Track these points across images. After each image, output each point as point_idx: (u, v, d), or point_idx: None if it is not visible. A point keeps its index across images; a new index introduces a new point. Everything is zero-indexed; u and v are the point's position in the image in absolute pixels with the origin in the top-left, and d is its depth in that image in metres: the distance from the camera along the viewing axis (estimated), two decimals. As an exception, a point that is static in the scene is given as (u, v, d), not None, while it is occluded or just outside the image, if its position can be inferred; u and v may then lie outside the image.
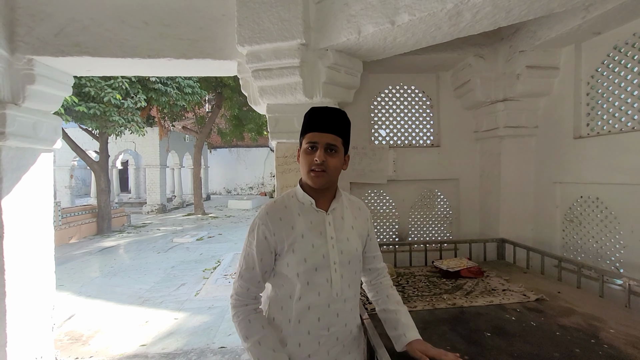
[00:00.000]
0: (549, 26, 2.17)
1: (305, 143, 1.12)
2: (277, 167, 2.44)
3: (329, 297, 1.10)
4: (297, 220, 1.12)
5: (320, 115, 1.13)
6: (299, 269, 1.09)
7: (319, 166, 1.07)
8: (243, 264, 1.15)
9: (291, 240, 1.09)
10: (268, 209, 1.16)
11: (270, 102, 2.34)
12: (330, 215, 1.16)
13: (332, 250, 1.12)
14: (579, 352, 1.25)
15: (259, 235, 1.11)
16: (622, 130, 2.04)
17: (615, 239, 2.07)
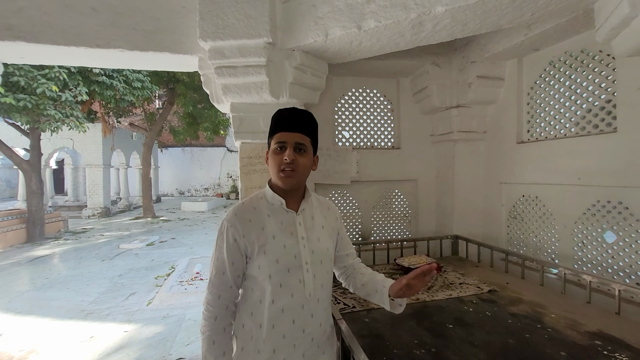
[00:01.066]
0: (497, 40, 2.38)
1: (274, 143, 1.11)
2: (241, 167, 2.37)
3: (302, 298, 1.09)
4: (267, 222, 1.11)
5: (288, 115, 1.13)
6: (270, 271, 1.06)
7: (289, 165, 1.07)
8: (213, 270, 1.12)
9: (262, 242, 1.07)
10: (236, 210, 1.12)
11: (235, 100, 2.26)
12: (300, 215, 1.15)
13: (303, 250, 1.11)
14: (529, 337, 1.39)
15: (228, 238, 1.08)
16: (556, 136, 2.30)
17: (552, 233, 2.33)
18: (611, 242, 1.96)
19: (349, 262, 1.31)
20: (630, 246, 1.85)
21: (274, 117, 1.16)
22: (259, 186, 2.40)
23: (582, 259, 2.11)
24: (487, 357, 1.24)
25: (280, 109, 1.17)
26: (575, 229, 2.16)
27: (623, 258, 1.89)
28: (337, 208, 1.34)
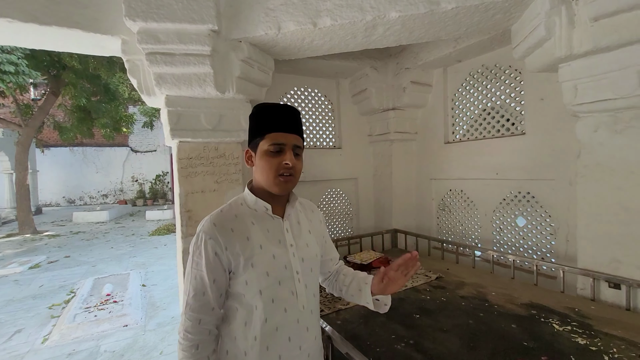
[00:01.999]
0: (429, 50, 2.62)
1: (267, 144, 0.98)
2: (179, 170, 2.09)
3: (296, 312, 1.00)
4: (251, 230, 0.99)
5: (282, 113, 1.01)
6: (261, 285, 0.95)
7: (289, 170, 0.97)
8: (190, 291, 0.95)
9: (248, 254, 0.95)
10: (215, 220, 0.98)
11: (171, 93, 1.97)
12: (286, 221, 1.06)
13: (293, 259, 1.01)
14: (483, 315, 1.56)
15: (207, 252, 0.94)
16: (477, 138, 2.66)
17: (475, 221, 2.69)
18: (522, 225, 2.36)
19: (333, 267, 1.26)
20: (536, 228, 2.26)
21: (261, 112, 1.02)
22: (201, 190, 2.15)
23: (500, 242, 2.49)
24: (459, 340, 1.35)
25: (263, 103, 1.04)
26: (493, 217, 2.53)
27: (531, 238, 2.30)
28: (319, 210, 1.27)
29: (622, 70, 1.51)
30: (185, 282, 0.99)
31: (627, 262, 1.58)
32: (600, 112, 1.64)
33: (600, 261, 1.68)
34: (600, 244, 1.68)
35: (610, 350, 1.22)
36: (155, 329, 3.55)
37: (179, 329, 0.96)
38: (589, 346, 1.25)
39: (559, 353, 1.22)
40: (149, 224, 10.92)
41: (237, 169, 2.28)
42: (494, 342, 1.32)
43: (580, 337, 1.32)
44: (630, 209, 1.56)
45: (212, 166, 2.19)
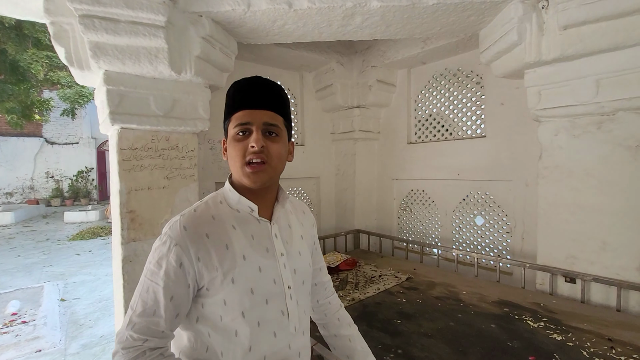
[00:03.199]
0: (397, 49, 2.61)
1: (233, 127, 0.80)
2: (120, 162, 1.74)
3: (287, 336, 0.82)
4: (232, 236, 0.79)
5: (251, 86, 0.81)
6: (243, 306, 0.76)
7: (257, 155, 0.77)
8: (138, 306, 0.73)
9: (228, 266, 0.75)
10: (186, 222, 0.77)
11: (112, 68, 1.63)
12: (275, 224, 0.86)
13: (284, 271, 0.83)
14: (461, 316, 1.54)
15: (169, 262, 0.73)
16: (438, 139, 2.72)
17: (435, 220, 2.75)
18: (480, 224, 2.46)
19: (321, 279, 1.08)
20: (494, 226, 2.37)
21: (230, 91, 0.83)
22: (147, 187, 1.83)
23: (459, 240, 2.58)
24: (446, 345, 1.29)
25: (237, 80, 0.83)
26: (453, 216, 2.61)
27: (489, 236, 2.41)
28: (310, 211, 1.09)
29: (582, 79, 1.62)
30: (136, 292, 0.75)
31: (581, 258, 1.71)
32: (560, 118, 1.75)
33: (558, 257, 1.79)
34: (558, 241, 1.79)
35: (586, 345, 1.27)
36: (80, 351, 2.99)
37: (113, 350, 0.73)
38: (565, 342, 1.29)
39: (542, 350, 1.23)
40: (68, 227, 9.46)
41: (192, 163, 1.99)
42: (480, 344, 1.30)
43: (555, 333, 1.36)
44: (585, 208, 1.68)
45: (161, 159, 1.87)
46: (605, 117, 1.61)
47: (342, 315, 1.09)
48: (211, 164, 2.43)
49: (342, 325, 1.06)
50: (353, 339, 1.06)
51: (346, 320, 1.08)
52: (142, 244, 1.81)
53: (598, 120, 1.63)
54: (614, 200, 1.60)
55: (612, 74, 1.53)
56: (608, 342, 1.28)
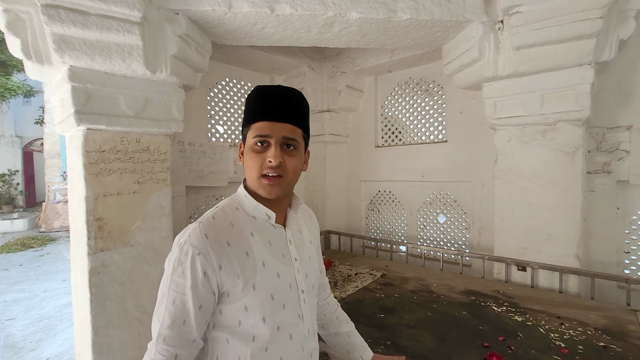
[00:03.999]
0: (366, 57, 2.74)
1: (251, 137, 0.80)
2: (86, 166, 1.61)
3: (302, 338, 0.85)
4: (252, 243, 0.80)
5: (272, 96, 0.81)
6: (264, 311, 0.78)
7: (274, 170, 0.78)
8: (166, 319, 0.73)
9: (249, 273, 0.77)
10: (206, 229, 0.76)
11: (79, 64, 1.50)
12: (289, 230, 0.89)
13: (298, 275, 0.86)
14: (436, 306, 1.68)
15: (195, 271, 0.73)
16: (404, 143, 2.91)
17: (401, 219, 2.93)
18: (442, 222, 2.68)
19: (322, 281, 1.12)
20: (454, 223, 2.60)
21: (251, 97, 0.83)
22: (117, 192, 1.71)
23: (424, 237, 2.78)
24: (428, 334, 1.41)
25: (259, 86, 0.85)
26: (418, 215, 2.81)
27: (450, 233, 2.63)
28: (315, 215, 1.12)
29: (531, 93, 1.86)
30: (157, 304, 0.75)
31: (530, 249, 1.96)
32: (513, 126, 1.99)
33: (511, 249, 2.04)
34: (511, 235, 2.04)
35: (541, 323, 1.47)
36: (21, 378, 2.65)
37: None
38: (525, 322, 1.49)
39: (508, 331, 1.41)
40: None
41: (165, 166, 1.91)
42: (456, 330, 1.44)
43: (516, 315, 1.55)
44: (533, 205, 1.94)
45: (132, 162, 1.77)
46: (549, 127, 1.88)
47: (339, 313, 1.15)
48: (181, 167, 2.33)
49: (341, 323, 1.12)
50: (352, 335, 1.12)
51: (344, 318, 1.15)
52: (112, 254, 1.69)
53: (543, 130, 1.90)
54: (555, 198, 1.87)
55: (554, 90, 1.79)
56: (557, 319, 1.50)
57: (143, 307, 1.81)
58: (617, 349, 1.26)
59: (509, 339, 1.34)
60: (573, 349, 1.27)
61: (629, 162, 1.88)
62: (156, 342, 0.72)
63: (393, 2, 1.78)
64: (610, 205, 1.97)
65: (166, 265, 0.77)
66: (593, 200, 1.99)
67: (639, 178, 1.85)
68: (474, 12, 1.83)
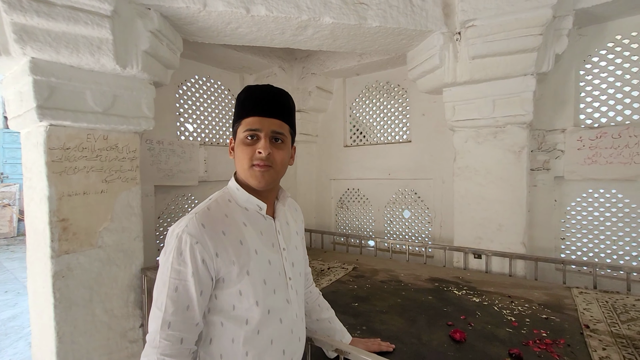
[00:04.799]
0: (335, 60, 2.84)
1: (242, 131, 0.87)
2: (48, 164, 1.53)
3: (290, 321, 0.92)
4: (245, 232, 0.86)
5: (261, 94, 0.89)
6: (257, 295, 0.84)
7: (263, 161, 0.85)
8: (168, 306, 0.77)
9: (243, 260, 0.83)
10: (202, 219, 0.81)
11: (42, 56, 1.43)
12: (277, 221, 0.95)
13: (286, 263, 0.93)
14: (405, 294, 1.82)
15: (195, 258, 0.78)
16: (371, 143, 3.05)
17: (369, 216, 3.07)
18: (407, 217, 2.86)
19: (306, 270, 1.17)
20: (418, 218, 2.79)
21: (242, 95, 0.90)
22: (83, 191, 1.65)
23: (390, 232, 2.94)
24: (399, 317, 1.53)
25: (249, 85, 0.92)
26: (385, 211, 2.97)
27: (414, 227, 2.82)
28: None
29: (484, 99, 2.08)
30: (157, 295, 0.79)
31: (485, 238, 2.18)
32: (469, 128, 2.20)
33: (468, 239, 2.25)
34: (468, 226, 2.24)
35: (495, 302, 1.66)
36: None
37: (145, 353, 0.77)
38: (482, 302, 1.67)
39: (468, 311, 1.57)
40: None
41: (134, 165, 1.86)
42: (424, 313, 1.57)
43: (474, 297, 1.73)
44: (487, 199, 2.16)
45: (99, 160, 1.70)
46: (499, 129, 2.10)
47: (321, 301, 1.23)
48: (149, 166, 2.26)
49: (323, 310, 1.21)
50: (332, 321, 1.21)
51: (325, 305, 1.23)
52: (78, 256, 1.62)
53: (494, 131, 2.12)
54: (505, 192, 2.10)
55: (504, 96, 2.02)
56: (508, 298, 1.71)
57: (112, 310, 1.75)
58: (556, 320, 1.47)
59: (469, 317, 1.51)
60: (521, 321, 1.46)
61: (564, 160, 2.16)
62: (160, 329, 0.75)
63: (364, 10, 1.89)
64: (549, 198, 2.25)
65: (162, 257, 0.82)
66: (535, 194, 2.26)
67: (572, 174, 2.14)
68: (435, 23, 2.00)
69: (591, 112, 2.14)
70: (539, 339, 1.30)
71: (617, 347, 1.23)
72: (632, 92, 2.01)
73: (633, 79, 2.00)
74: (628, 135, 1.96)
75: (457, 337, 1.31)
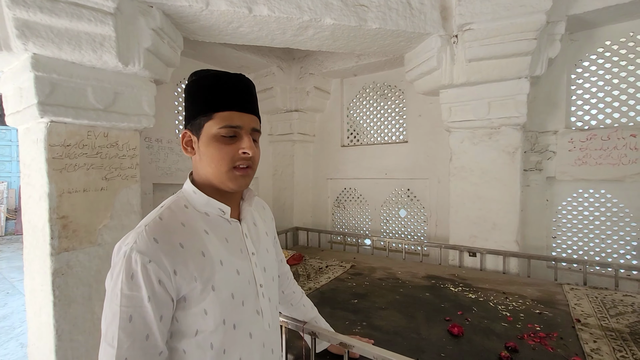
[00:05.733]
0: (334, 61, 2.87)
1: (218, 127, 0.74)
2: (49, 160, 1.52)
3: (262, 334, 0.81)
4: (207, 242, 0.75)
5: (238, 84, 0.77)
6: (225, 313, 0.73)
7: (246, 161, 0.76)
8: (122, 340, 0.64)
9: (207, 274, 0.72)
10: (154, 232, 0.69)
11: (44, 52, 1.42)
12: (244, 224, 0.84)
13: (256, 270, 0.82)
14: (403, 290, 1.86)
15: (149, 280, 0.66)
16: (368, 143, 3.09)
17: (366, 215, 3.11)
18: (403, 216, 2.91)
19: (283, 269, 1.11)
20: (414, 217, 2.84)
21: (204, 82, 0.76)
22: (83, 189, 1.64)
23: (387, 231, 2.99)
24: (398, 313, 1.56)
25: (206, 70, 0.78)
26: (381, 210, 3.01)
27: (410, 226, 2.87)
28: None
29: (479, 100, 2.13)
30: (106, 326, 0.66)
31: (480, 237, 2.23)
32: (465, 129, 2.25)
33: (463, 237, 2.30)
34: (463, 225, 2.30)
35: (490, 298, 1.71)
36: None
37: None
38: (478, 299, 1.71)
39: (464, 307, 1.62)
40: None
41: (134, 162, 1.85)
42: (422, 308, 1.61)
43: (470, 293, 1.78)
44: (482, 198, 2.21)
45: (99, 158, 1.70)
46: (494, 130, 2.16)
47: (305, 301, 1.19)
48: (148, 164, 2.26)
49: (308, 310, 1.18)
50: (318, 320, 1.20)
51: (309, 305, 1.21)
52: (77, 254, 1.62)
53: (489, 132, 2.17)
54: (499, 192, 2.16)
55: (499, 99, 2.07)
56: (503, 294, 1.76)
57: (111, 308, 1.74)
58: (549, 314, 1.52)
59: (465, 313, 1.55)
60: (516, 316, 1.51)
61: (556, 161, 2.23)
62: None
63: (364, 12, 1.93)
64: (541, 198, 2.32)
65: (108, 281, 0.69)
66: (528, 194, 2.32)
67: (563, 174, 2.21)
68: (433, 26, 2.04)
69: (582, 115, 2.21)
70: (533, 333, 1.35)
71: (607, 340, 1.28)
72: (621, 95, 2.08)
73: (621, 83, 2.08)
74: (616, 138, 2.03)
75: (455, 332, 1.35)
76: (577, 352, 1.21)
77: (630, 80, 2.06)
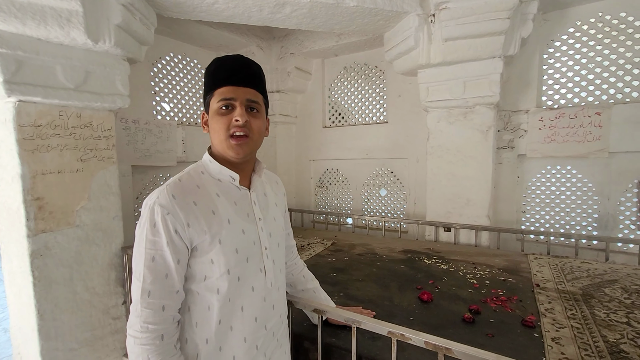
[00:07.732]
0: (314, 40, 2.84)
1: (216, 102, 0.85)
2: (20, 142, 1.49)
3: (263, 290, 0.93)
4: (217, 203, 0.87)
5: (233, 64, 0.88)
6: (229, 264, 0.85)
7: (241, 129, 0.84)
8: (146, 275, 0.79)
9: (215, 229, 0.84)
10: (173, 191, 0.82)
11: (7, 28, 1.37)
12: (254, 192, 0.95)
13: (261, 233, 0.94)
14: (380, 264, 1.95)
15: (167, 229, 0.79)
16: (349, 124, 3.12)
17: (348, 195, 3.18)
18: (384, 195, 2.99)
19: (289, 242, 1.21)
20: (394, 196, 2.92)
21: (211, 67, 0.89)
22: (57, 170, 1.62)
23: (368, 210, 3.07)
24: (374, 284, 1.65)
25: (218, 57, 0.90)
26: (363, 190, 3.08)
27: (390, 204, 2.95)
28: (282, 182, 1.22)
29: (455, 80, 2.18)
30: (136, 267, 0.80)
31: (454, 213, 2.33)
32: (441, 109, 2.31)
33: (439, 214, 2.40)
34: (439, 202, 2.39)
35: (460, 269, 1.82)
36: None
37: (130, 324, 0.79)
38: (449, 269, 1.82)
39: (436, 276, 1.72)
40: None
41: (110, 143, 1.83)
42: (396, 279, 1.71)
43: (442, 265, 1.89)
44: (456, 176, 2.30)
45: (73, 138, 1.67)
46: (469, 109, 2.22)
47: (306, 273, 1.28)
48: (126, 146, 2.22)
49: (307, 281, 1.26)
50: (317, 290, 1.27)
51: (310, 276, 1.28)
52: (55, 235, 1.61)
53: (464, 112, 2.24)
54: (473, 169, 2.24)
55: (473, 78, 2.12)
56: (472, 265, 1.87)
57: (93, 288, 1.77)
58: (512, 281, 1.64)
59: (436, 282, 1.65)
60: (482, 283, 1.62)
61: (527, 139, 2.32)
62: (141, 298, 0.78)
63: (341, -11, 1.91)
64: (513, 175, 2.42)
65: (137, 230, 0.82)
66: (500, 171, 2.42)
67: (533, 152, 2.31)
68: (410, 4, 2.05)
69: (552, 94, 2.29)
70: (496, 297, 1.46)
71: (561, 301, 1.40)
72: (588, 75, 2.17)
73: (589, 63, 2.16)
74: (582, 116, 2.13)
75: (424, 298, 1.44)
76: (532, 312, 1.32)
77: (597, 59, 2.14)
